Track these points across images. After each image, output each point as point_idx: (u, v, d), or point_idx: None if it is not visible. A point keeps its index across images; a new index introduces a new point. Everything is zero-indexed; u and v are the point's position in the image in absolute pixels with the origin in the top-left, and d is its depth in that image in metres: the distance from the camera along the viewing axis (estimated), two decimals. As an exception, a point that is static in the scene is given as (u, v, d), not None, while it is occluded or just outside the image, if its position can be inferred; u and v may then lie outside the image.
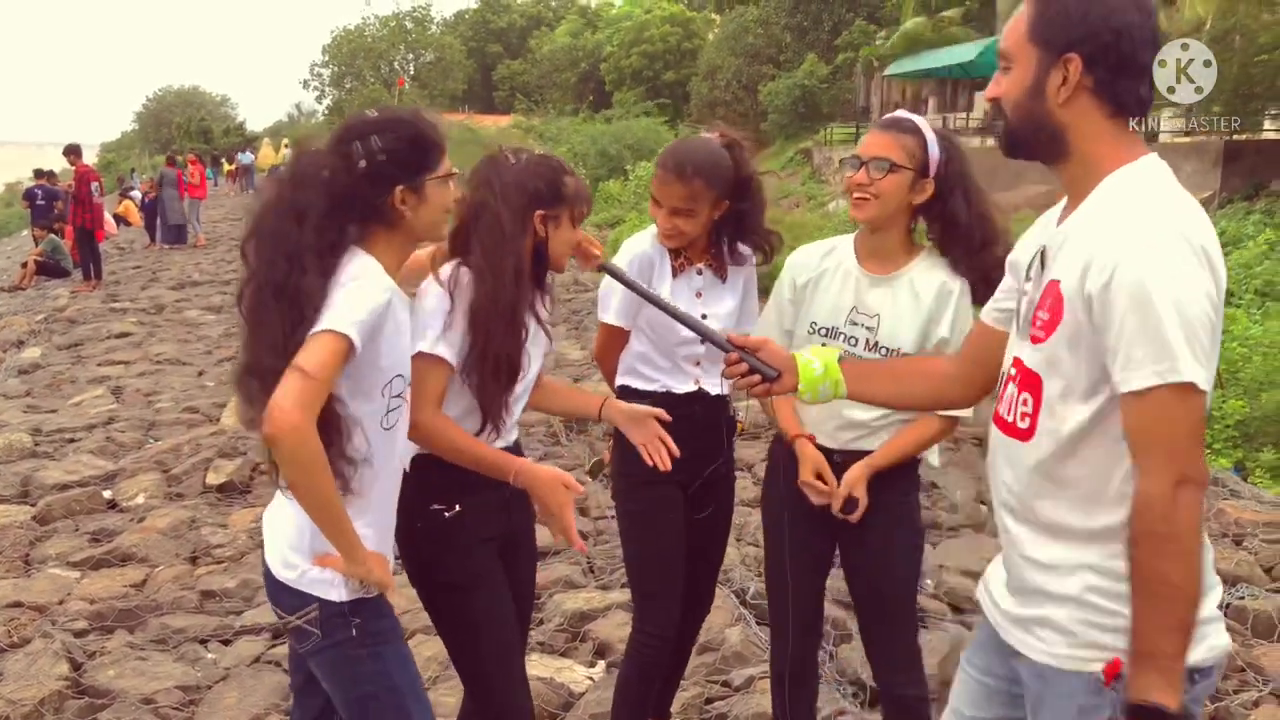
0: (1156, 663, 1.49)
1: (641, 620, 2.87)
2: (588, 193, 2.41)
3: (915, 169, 2.49)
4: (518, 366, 2.29)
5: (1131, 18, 1.58)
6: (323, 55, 63.24)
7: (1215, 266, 1.52)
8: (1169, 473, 1.48)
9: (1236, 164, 18.97)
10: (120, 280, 15.13)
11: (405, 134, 2.00)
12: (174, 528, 5.12)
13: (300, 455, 1.82)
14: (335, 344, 1.85)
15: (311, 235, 1.93)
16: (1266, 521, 4.98)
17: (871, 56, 33.64)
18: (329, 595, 1.99)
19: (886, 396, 2.17)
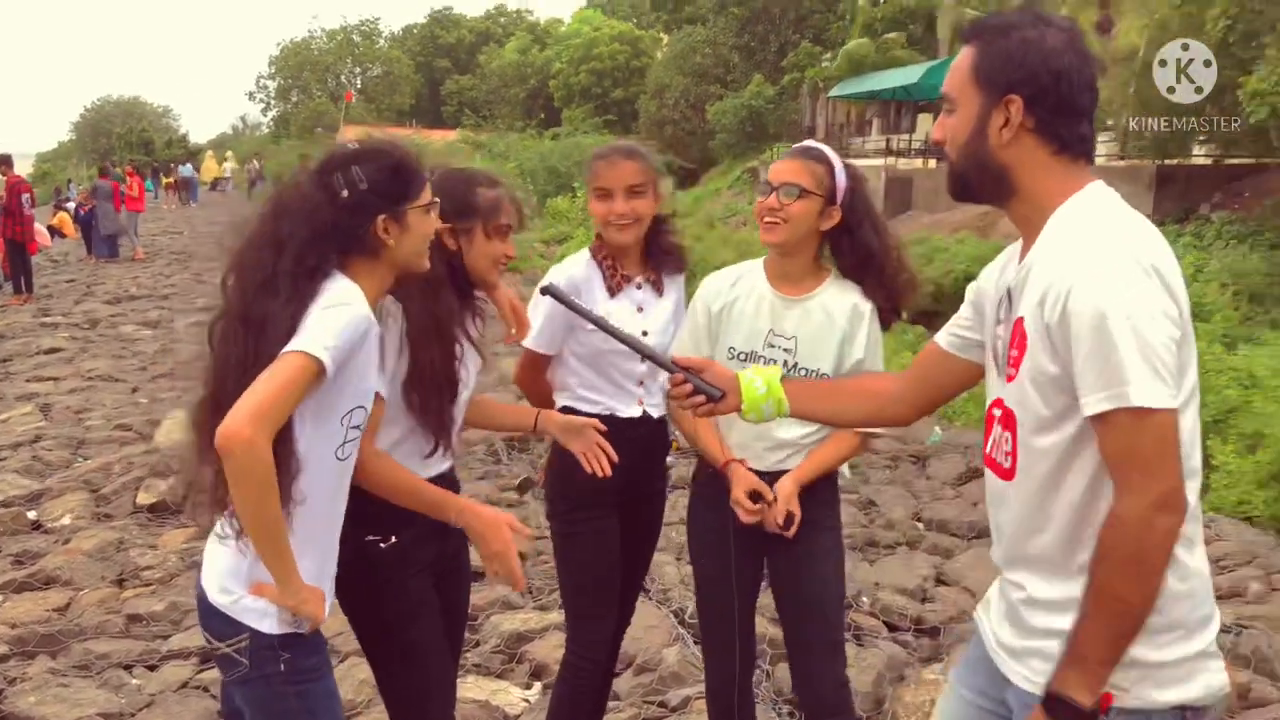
0: (1085, 664, 1.54)
1: (575, 642, 2.85)
2: (507, 204, 2.37)
3: (824, 195, 2.56)
4: (456, 381, 2.28)
5: (1070, 60, 1.63)
6: (269, 67, 62.61)
7: (1170, 283, 1.54)
8: (1147, 493, 1.49)
9: (1168, 188, 19.49)
10: (53, 294, 14.79)
11: (386, 164, 2.00)
12: (101, 549, 4.99)
13: (250, 471, 1.78)
14: (304, 365, 1.82)
15: (289, 262, 1.91)
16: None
17: (817, 78, 34.07)
18: (261, 626, 1.95)
19: (828, 414, 2.20)
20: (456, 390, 2.29)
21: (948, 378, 1.99)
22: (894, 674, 3.79)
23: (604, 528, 2.80)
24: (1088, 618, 1.55)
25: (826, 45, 35.51)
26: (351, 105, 52.10)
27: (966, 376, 1.97)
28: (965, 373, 1.96)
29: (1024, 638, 1.74)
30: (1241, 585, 4.48)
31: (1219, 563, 4.82)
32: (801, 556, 2.67)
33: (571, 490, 2.78)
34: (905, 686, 3.70)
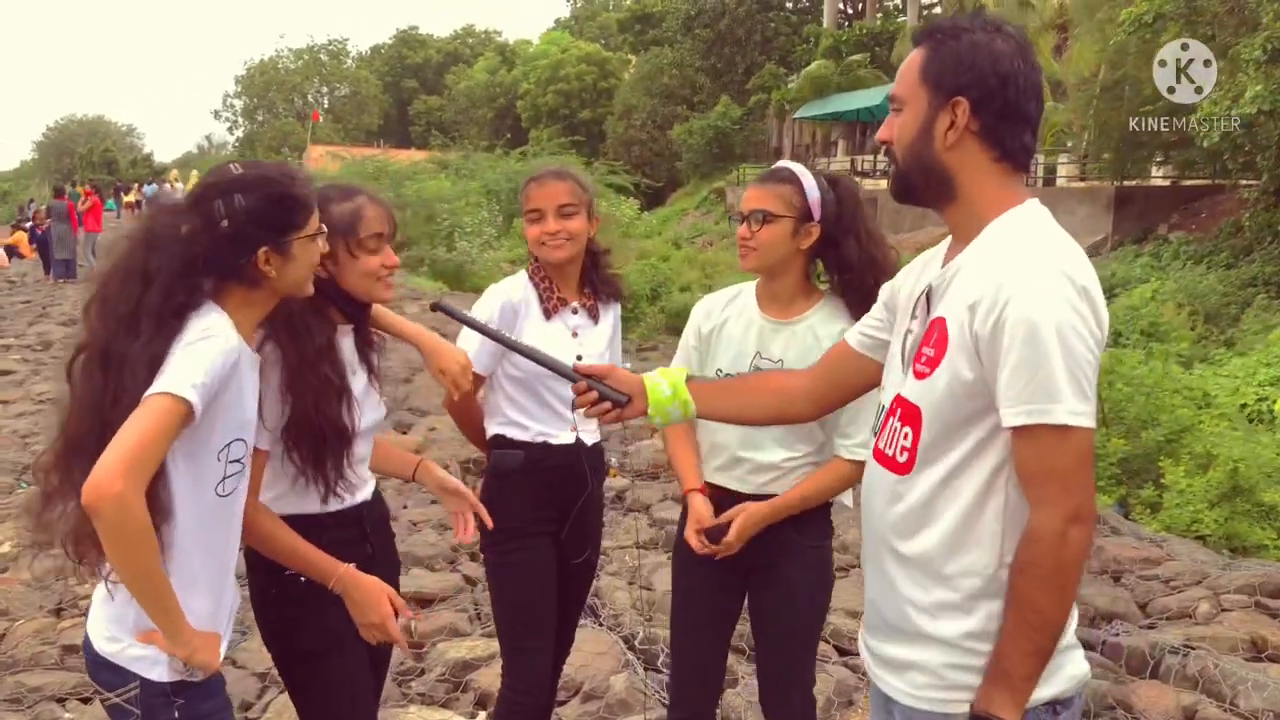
0: (1010, 680, 1.56)
1: (512, 676, 2.78)
2: (369, 213, 2.19)
3: (795, 216, 2.51)
4: (340, 426, 2.15)
5: (1017, 66, 1.64)
6: (235, 86, 62.30)
7: (1097, 306, 1.56)
8: (1062, 508, 1.52)
9: (1127, 209, 19.82)
10: (7, 315, 14.54)
11: (271, 192, 1.89)
12: (40, 578, 4.86)
13: (122, 528, 1.67)
14: (171, 407, 1.72)
15: (156, 298, 1.81)
16: (1143, 558, 5.12)
17: (783, 99, 34.36)
18: (150, 675, 1.86)
19: (733, 413, 2.17)
20: (343, 435, 2.16)
21: (854, 377, 2.00)
22: (843, 699, 3.76)
23: (537, 558, 2.74)
24: (1009, 634, 1.57)
25: (792, 67, 35.89)
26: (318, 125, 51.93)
27: (872, 376, 1.96)
28: (872, 372, 1.95)
29: (901, 646, 1.73)
30: (1190, 606, 4.50)
31: (1169, 583, 4.84)
32: (781, 589, 2.61)
33: (505, 520, 2.70)
34: (854, 711, 3.67)
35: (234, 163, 1.99)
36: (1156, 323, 10.29)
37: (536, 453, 2.72)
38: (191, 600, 1.87)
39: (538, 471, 2.72)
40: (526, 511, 2.73)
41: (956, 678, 1.65)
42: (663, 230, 27.39)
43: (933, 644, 1.67)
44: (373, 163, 29.53)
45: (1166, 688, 3.74)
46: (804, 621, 2.66)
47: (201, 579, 1.91)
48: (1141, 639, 4.13)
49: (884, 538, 1.76)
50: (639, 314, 15.14)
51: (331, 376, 2.13)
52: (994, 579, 1.61)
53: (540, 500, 2.73)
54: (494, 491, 2.76)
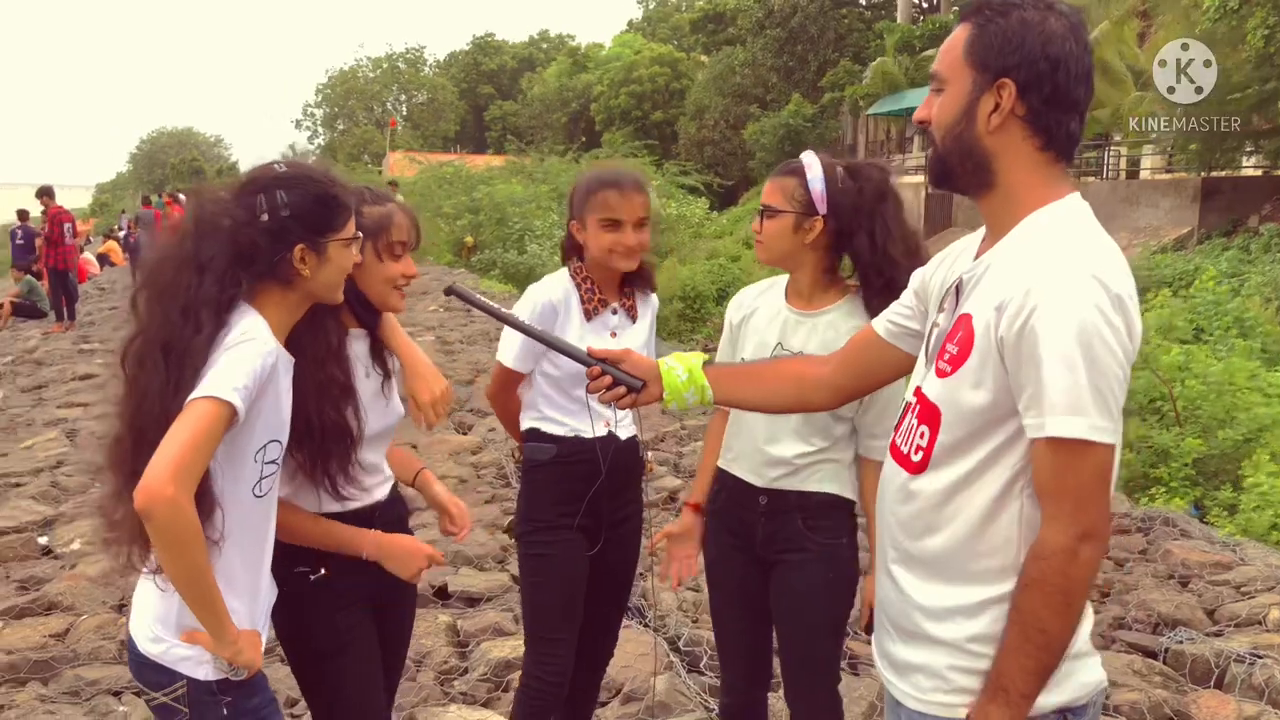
0: (1008, 697, 1.51)
1: (533, 664, 2.78)
2: (399, 221, 2.24)
3: (796, 210, 2.49)
4: (342, 427, 2.15)
5: (1069, 49, 1.55)
6: (316, 96, 63.79)
7: (1131, 317, 1.49)
8: (1074, 525, 1.47)
9: (1214, 200, 19.09)
10: (95, 321, 15.08)
11: (312, 191, 1.93)
12: (105, 575, 5.01)
13: (174, 530, 1.71)
14: (216, 411, 1.75)
15: (213, 289, 1.84)
16: (1214, 563, 4.91)
17: (855, 96, 33.95)
18: (197, 674, 1.89)
19: (752, 400, 2.13)
20: (345, 435, 2.16)
21: (879, 366, 1.93)
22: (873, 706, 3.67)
23: (568, 551, 2.74)
24: (1009, 649, 1.52)
25: (866, 64, 35.39)
26: (396, 132, 52.92)
27: (899, 366, 1.90)
28: (899, 362, 1.90)
29: (908, 647, 1.69)
30: (1261, 612, 4.29)
31: (1240, 589, 4.63)
32: (798, 584, 2.59)
33: (537, 512, 2.76)
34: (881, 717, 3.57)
35: (278, 161, 2.02)
36: (1241, 318, 9.89)
37: (567, 447, 2.72)
38: (230, 600, 1.90)
39: (568, 464, 2.73)
40: (556, 504, 2.74)
41: (961, 681, 1.60)
42: (734, 230, 27.23)
43: (938, 646, 1.62)
44: (449, 168, 29.98)
45: (1228, 698, 3.58)
46: (818, 617, 2.61)
47: (240, 579, 1.94)
48: (1206, 646, 3.96)
49: (893, 536, 1.72)
50: (705, 314, 15.09)
51: (337, 376, 2.14)
52: (1003, 585, 1.56)
53: (569, 493, 2.73)
54: (526, 484, 2.81)
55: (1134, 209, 19.39)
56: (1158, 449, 6.75)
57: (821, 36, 37.61)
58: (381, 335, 2.31)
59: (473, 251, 23.32)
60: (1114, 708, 3.56)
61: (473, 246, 23.57)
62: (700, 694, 3.81)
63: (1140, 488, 6.71)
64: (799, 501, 2.55)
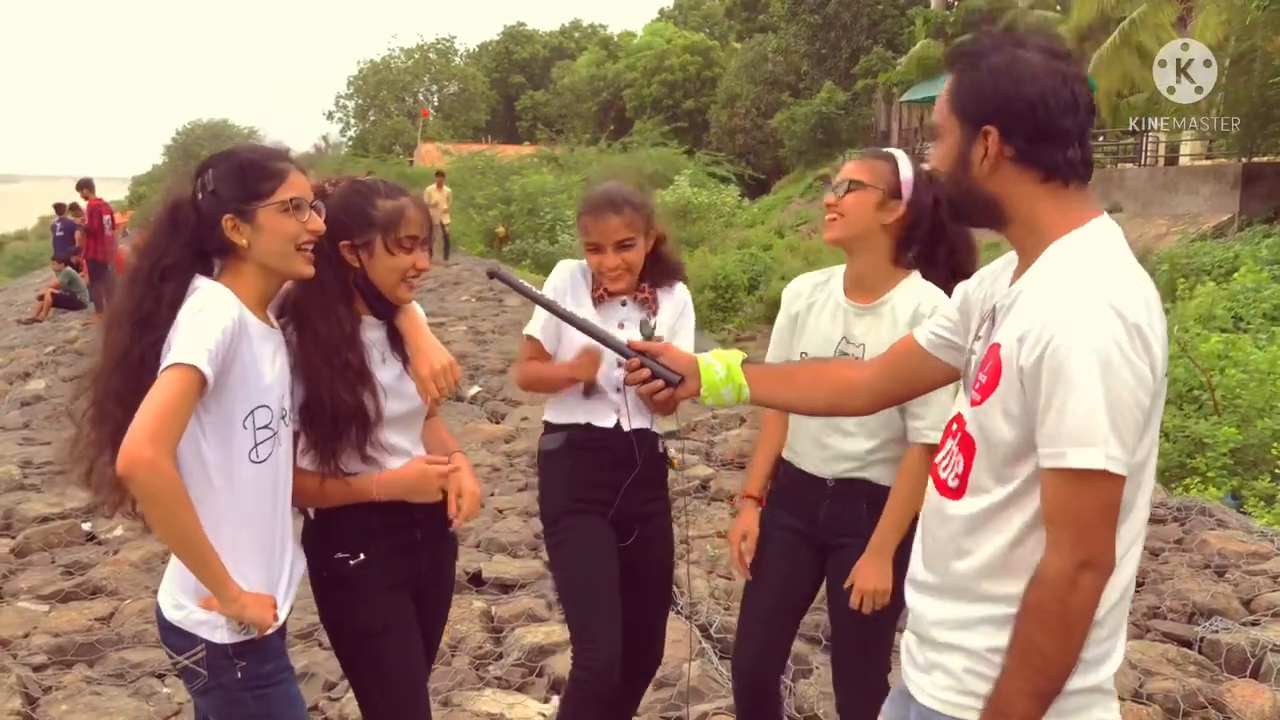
0: (1006, 719, 1.53)
1: (579, 653, 2.77)
2: (411, 214, 2.26)
3: (883, 189, 2.52)
4: (357, 408, 2.20)
5: (1045, 84, 1.56)
6: (347, 87, 64.12)
7: (1151, 347, 1.48)
8: (1075, 554, 1.48)
9: (1256, 187, 18.74)
10: (134, 312, 15.26)
11: (234, 163, 2.03)
12: (147, 560, 5.13)
13: (155, 489, 1.81)
14: (184, 375, 1.84)
15: (148, 262, 1.99)
16: (1251, 552, 4.87)
17: (889, 82, 33.67)
18: (214, 637, 1.99)
19: (788, 401, 2.16)
20: (362, 418, 2.20)
21: (918, 375, 1.94)
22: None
23: (593, 532, 2.76)
24: (1009, 673, 1.54)
25: (899, 50, 35.08)
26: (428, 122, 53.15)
27: (938, 375, 1.92)
28: (938, 372, 1.91)
29: (927, 651, 1.71)
30: (1297, 605, 4.26)
31: (1278, 579, 4.59)
32: None
33: (552, 502, 2.81)
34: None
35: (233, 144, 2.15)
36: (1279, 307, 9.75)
37: (578, 434, 2.75)
38: (242, 568, 1.97)
39: (579, 451, 2.76)
40: (569, 490, 2.77)
41: (975, 685, 1.62)
42: (766, 219, 27.17)
43: (958, 651, 1.65)
44: (480, 158, 30.08)
45: (1264, 687, 3.56)
46: (882, 614, 2.59)
47: (248, 546, 2.01)
48: (1242, 636, 3.93)
49: (928, 552, 1.75)
50: (736, 303, 15.07)
51: (350, 361, 2.19)
52: None
53: (583, 480, 2.76)
54: (541, 473, 2.86)
55: (1173, 195, 19.09)
56: (1194, 438, 6.68)
57: (855, 23, 37.27)
58: (396, 323, 2.35)
59: (505, 241, 23.43)
60: (1148, 696, 3.55)
61: (505, 236, 23.67)
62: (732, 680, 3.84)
63: (1176, 477, 6.65)
64: (865, 489, 2.59)
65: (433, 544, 2.42)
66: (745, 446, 6.89)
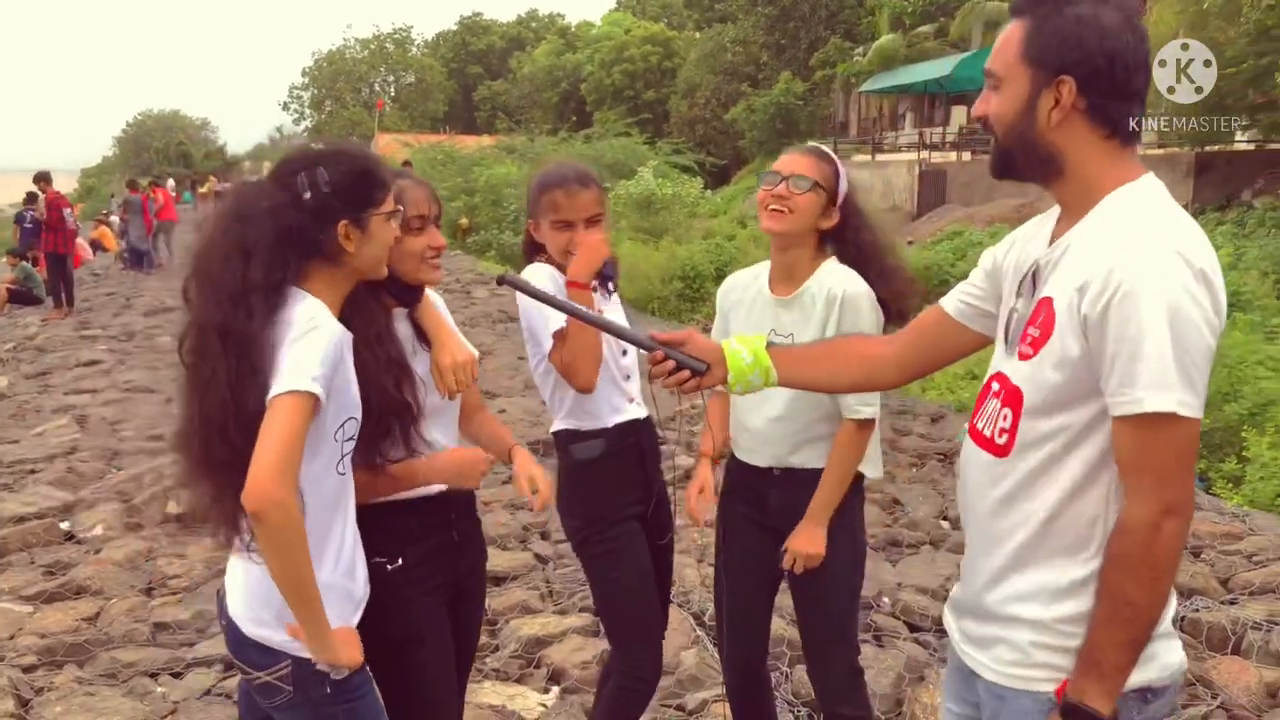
0: (1101, 670, 1.53)
1: (626, 664, 2.75)
2: (415, 194, 2.23)
3: (829, 193, 2.63)
4: (405, 405, 2.16)
5: (1126, 41, 1.56)
6: (302, 77, 63.29)
7: (1215, 291, 1.50)
8: (1157, 500, 1.48)
9: (1208, 175, 19.17)
10: (93, 307, 15.04)
11: (352, 167, 1.95)
12: (130, 559, 5.06)
13: (285, 532, 1.75)
14: (301, 404, 1.78)
15: (259, 273, 1.86)
16: (1224, 533, 5.00)
17: (848, 73, 33.88)
18: (302, 653, 1.92)
19: (818, 381, 2.12)
20: (406, 413, 2.17)
21: (948, 345, 1.94)
22: (914, 675, 3.75)
23: (634, 541, 2.72)
24: (1100, 624, 1.54)
25: (857, 41, 35.30)
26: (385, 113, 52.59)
27: (968, 345, 1.92)
28: (968, 342, 1.91)
29: (987, 625, 1.72)
30: (1274, 580, 4.38)
31: (1252, 558, 4.72)
32: (818, 567, 2.67)
33: (598, 512, 2.71)
34: (924, 687, 3.66)
35: (314, 140, 2.05)
36: (1239, 292, 9.94)
37: (612, 438, 2.70)
38: (325, 574, 1.91)
39: (617, 456, 2.71)
40: (615, 496, 2.72)
41: (1043, 657, 1.63)
42: (728, 209, 27.20)
43: (1022, 624, 1.65)
44: (440, 149, 29.85)
45: (1248, 664, 3.67)
46: (836, 583, 2.71)
47: (333, 553, 1.96)
48: (1222, 614, 4.04)
49: (980, 518, 1.74)
50: (705, 293, 15.11)
51: (393, 354, 2.17)
52: (1091, 565, 1.58)
53: (624, 484, 2.72)
54: (578, 484, 2.75)
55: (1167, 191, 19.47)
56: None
57: (813, 14, 37.47)
58: (417, 315, 2.32)
59: (468, 233, 23.30)
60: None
61: (468, 228, 23.54)
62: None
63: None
64: (812, 476, 2.64)
65: (468, 545, 2.40)
66: (725, 436, 6.93)
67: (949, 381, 8.58)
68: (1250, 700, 3.48)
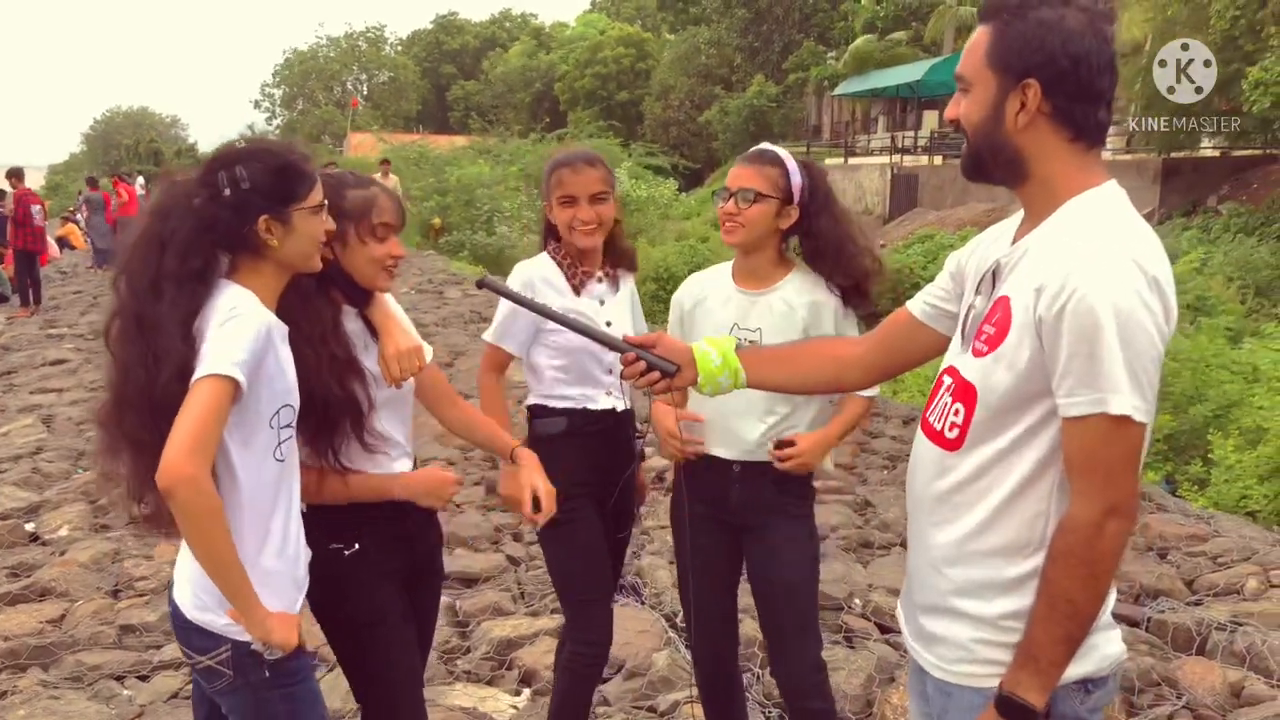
0: (1037, 664, 1.56)
1: (577, 630, 2.84)
2: (382, 203, 2.27)
3: (780, 197, 2.66)
4: (354, 400, 2.20)
5: (1089, 44, 1.58)
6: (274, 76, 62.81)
7: (1167, 298, 1.52)
8: (1101, 501, 1.51)
9: (1175, 181, 19.43)
10: (60, 305, 14.85)
11: (271, 163, 1.99)
12: (96, 560, 5.00)
13: (195, 508, 1.80)
14: (220, 388, 1.83)
15: (173, 262, 1.91)
16: (1189, 535, 5.06)
17: (821, 76, 34.05)
18: (242, 637, 1.96)
19: (786, 382, 2.15)
20: (355, 408, 2.21)
21: (914, 346, 1.97)
22: (884, 676, 3.77)
23: (585, 514, 2.81)
24: (1039, 619, 1.57)
25: (830, 44, 35.50)
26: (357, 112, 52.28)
27: (934, 347, 1.95)
28: (934, 343, 1.94)
29: (931, 620, 1.75)
30: (1238, 582, 4.45)
31: (1216, 560, 4.78)
32: (774, 544, 2.74)
33: (556, 482, 2.75)
34: (894, 688, 3.67)
35: (240, 139, 2.07)
36: (1204, 296, 10.10)
37: (577, 419, 2.80)
38: (273, 561, 1.98)
39: (579, 436, 2.81)
40: (569, 474, 2.76)
41: (986, 653, 1.66)
42: (701, 211, 27.26)
43: (965, 620, 1.68)
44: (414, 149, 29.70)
45: (1213, 664, 3.71)
46: (797, 574, 2.75)
47: (276, 539, 2.00)
48: (1188, 615, 4.09)
49: (927, 511, 1.76)
50: (679, 295, 15.14)
51: (337, 352, 2.19)
52: (1033, 561, 1.61)
53: (580, 464, 2.80)
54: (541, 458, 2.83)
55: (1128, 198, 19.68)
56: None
57: (787, 17, 37.64)
58: (368, 312, 2.35)
59: (440, 233, 23.18)
60: (1103, 675, 3.68)
61: (440, 228, 23.43)
62: (700, 669, 3.89)
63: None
64: (770, 470, 2.68)
65: (424, 531, 2.45)
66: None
67: (920, 384, 8.66)
68: (1215, 700, 3.53)
